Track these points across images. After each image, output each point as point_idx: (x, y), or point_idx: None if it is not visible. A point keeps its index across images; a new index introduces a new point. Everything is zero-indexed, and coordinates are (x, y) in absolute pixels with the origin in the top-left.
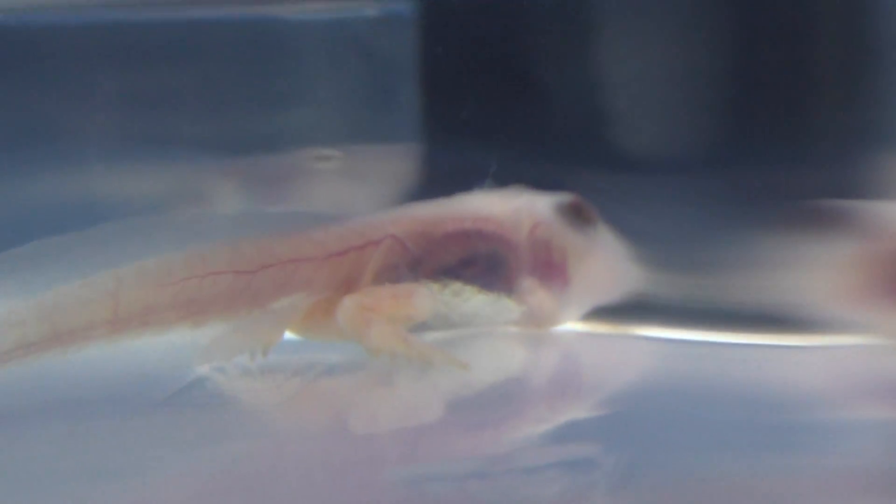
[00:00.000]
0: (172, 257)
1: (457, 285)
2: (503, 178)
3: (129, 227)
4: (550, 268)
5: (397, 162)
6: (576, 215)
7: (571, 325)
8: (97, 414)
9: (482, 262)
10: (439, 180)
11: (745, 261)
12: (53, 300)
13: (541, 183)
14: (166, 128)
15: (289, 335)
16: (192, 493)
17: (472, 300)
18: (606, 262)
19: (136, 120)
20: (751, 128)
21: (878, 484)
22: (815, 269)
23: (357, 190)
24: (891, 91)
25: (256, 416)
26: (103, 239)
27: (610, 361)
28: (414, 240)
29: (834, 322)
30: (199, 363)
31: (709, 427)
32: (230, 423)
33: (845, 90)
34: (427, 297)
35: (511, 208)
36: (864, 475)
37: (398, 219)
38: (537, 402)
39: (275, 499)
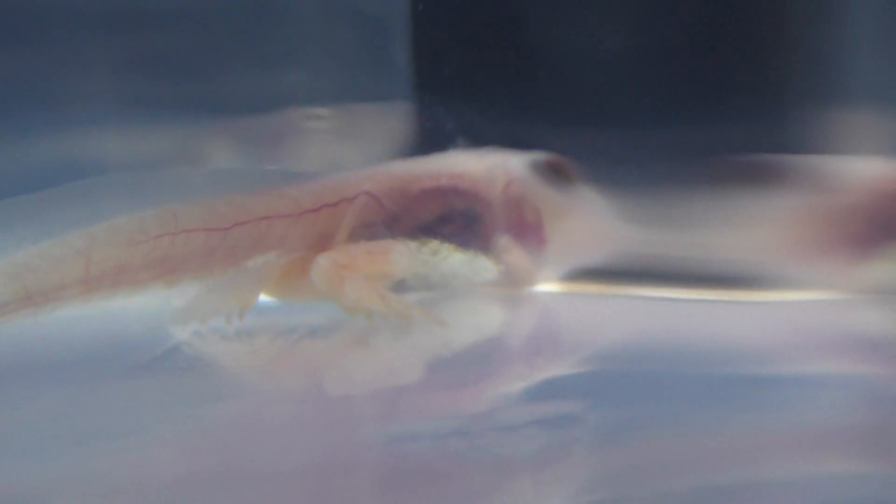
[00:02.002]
0: (145, 215)
1: (434, 243)
2: (490, 137)
3: (101, 185)
4: (525, 226)
5: (388, 121)
6: (552, 173)
7: (550, 285)
8: (72, 377)
9: (458, 219)
10: (430, 139)
11: (693, 217)
12: (24, 260)
13: (527, 140)
14: (160, 89)
15: (265, 298)
16: (170, 457)
17: (449, 258)
18: (586, 222)
19: (129, 82)
20: (700, 84)
21: (844, 439)
22: (760, 224)
23: (348, 149)
24: (835, 46)
25: (235, 380)
26: (75, 197)
27: (584, 320)
28: (390, 196)
29: (785, 278)
30: (176, 326)
31: (682, 384)
32: (208, 386)
33: (791, 45)
34: (404, 254)
35: (485, 166)
36: (834, 431)
37: (373, 176)
38: (516, 361)
39: (253, 461)
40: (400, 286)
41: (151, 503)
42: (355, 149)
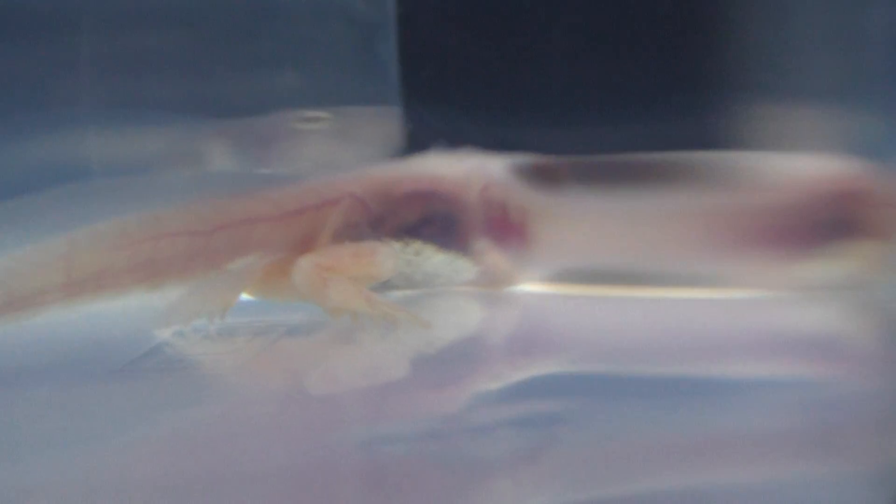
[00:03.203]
0: (127, 219)
1: (417, 244)
2: (476, 139)
3: (85, 190)
4: (506, 228)
5: (378, 124)
6: (536, 176)
7: (533, 285)
8: (53, 380)
9: (439, 221)
10: (416, 142)
11: (631, 216)
12: (5, 264)
13: (514, 143)
14: (154, 90)
15: (247, 297)
16: (149, 458)
17: (431, 259)
18: (573, 224)
19: (119, 83)
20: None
21: (794, 441)
22: (689, 221)
23: (340, 151)
24: (775, 41)
25: (215, 380)
26: (58, 202)
27: (562, 320)
28: (374, 199)
29: (720, 276)
30: (159, 328)
31: (645, 385)
32: (190, 387)
33: (729, 40)
34: (390, 256)
35: (463, 169)
36: (783, 434)
37: (356, 178)
38: (496, 361)
39: (232, 462)
40: (383, 285)
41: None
42: (347, 151)
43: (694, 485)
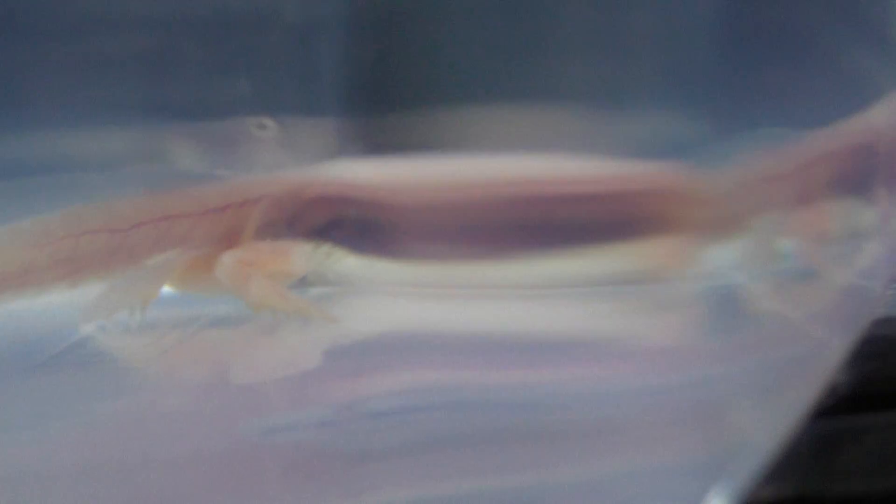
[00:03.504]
0: (49, 218)
1: (328, 246)
2: (400, 145)
3: (11, 188)
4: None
5: (331, 131)
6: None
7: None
8: None
9: (350, 225)
10: (369, 149)
11: None
12: None
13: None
14: (119, 91)
15: (170, 290)
16: (70, 447)
17: (343, 261)
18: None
19: (89, 85)
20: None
21: (614, 438)
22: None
23: (287, 157)
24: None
25: (136, 371)
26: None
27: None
28: (288, 200)
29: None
30: (82, 322)
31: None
32: (110, 379)
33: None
34: (302, 255)
35: (381, 174)
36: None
37: (275, 180)
38: (398, 356)
39: (143, 450)
40: (301, 282)
41: (49, 491)
42: (290, 157)
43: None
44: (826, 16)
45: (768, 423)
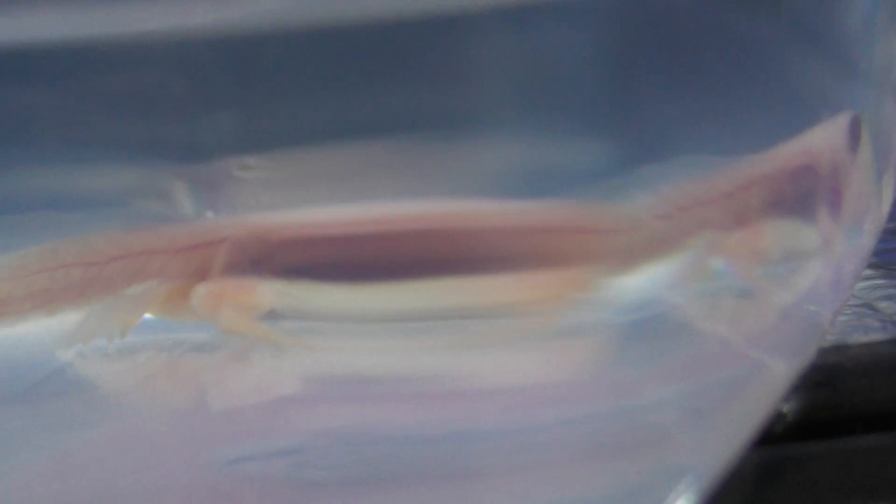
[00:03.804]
0: (26, 252)
1: (304, 283)
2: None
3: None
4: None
5: (315, 168)
6: None
7: None
8: None
9: (326, 263)
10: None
11: None
12: None
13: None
14: (116, 130)
15: (152, 316)
16: (39, 477)
17: (318, 295)
18: None
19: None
20: None
21: None
22: None
23: (278, 196)
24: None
25: (114, 399)
26: None
27: None
28: (253, 242)
29: None
30: (60, 349)
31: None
32: (87, 408)
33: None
34: (268, 292)
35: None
36: None
37: (242, 222)
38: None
39: (107, 483)
40: (272, 314)
41: None
42: (284, 196)
43: None
44: (766, 35)
45: (706, 448)
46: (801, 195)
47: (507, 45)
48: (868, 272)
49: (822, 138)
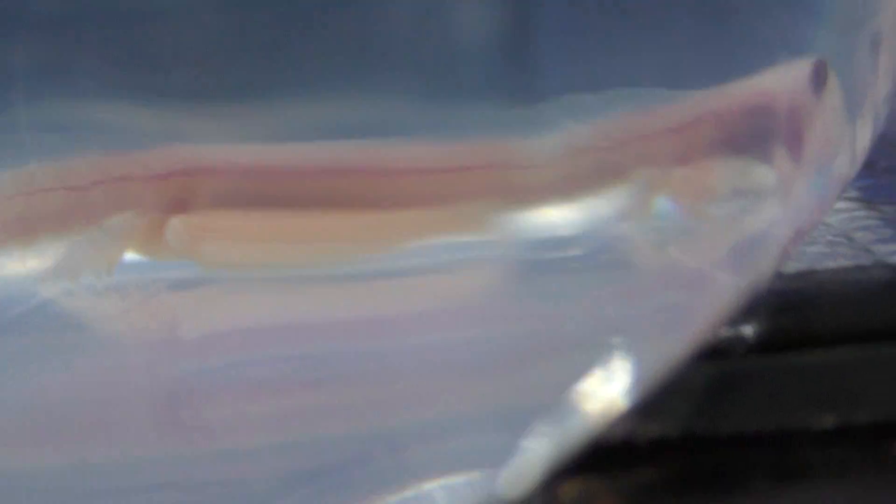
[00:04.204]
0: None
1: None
2: None
3: None
4: None
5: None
6: None
7: None
8: None
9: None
10: None
11: None
12: None
13: None
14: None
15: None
16: (20, 409)
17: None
18: None
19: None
20: None
21: None
22: None
23: None
24: None
25: (96, 334)
26: None
27: None
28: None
29: None
30: (43, 285)
31: None
32: (67, 343)
33: None
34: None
35: None
36: None
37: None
38: None
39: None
40: None
41: None
42: None
43: None
44: None
45: (636, 360)
46: (755, 134)
47: None
48: (848, 205)
49: (780, 79)
